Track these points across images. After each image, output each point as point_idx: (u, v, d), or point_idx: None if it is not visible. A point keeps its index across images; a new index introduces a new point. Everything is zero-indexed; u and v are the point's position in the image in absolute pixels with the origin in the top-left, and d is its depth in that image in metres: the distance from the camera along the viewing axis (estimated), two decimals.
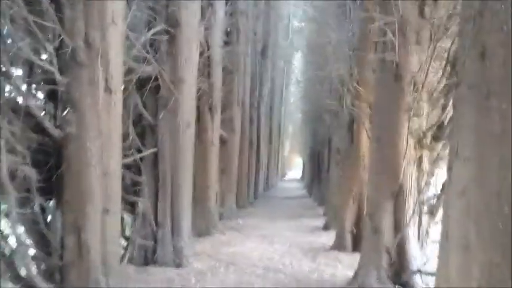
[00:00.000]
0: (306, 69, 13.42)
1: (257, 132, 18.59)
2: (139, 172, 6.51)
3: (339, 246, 7.83)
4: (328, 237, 9.40)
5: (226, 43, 11.39)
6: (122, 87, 4.31)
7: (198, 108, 9.07)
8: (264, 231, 10.46)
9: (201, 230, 8.94)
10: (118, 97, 4.30)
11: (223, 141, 12.35)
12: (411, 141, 4.92)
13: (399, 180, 4.89)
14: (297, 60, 32.36)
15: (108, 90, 4.22)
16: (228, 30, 11.66)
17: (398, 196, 4.89)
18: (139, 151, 6.49)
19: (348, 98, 7.52)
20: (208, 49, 8.75)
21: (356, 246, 7.73)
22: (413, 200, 4.91)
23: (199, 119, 9.07)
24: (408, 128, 4.87)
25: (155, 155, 6.50)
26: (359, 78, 7.31)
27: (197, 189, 9.14)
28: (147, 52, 6.22)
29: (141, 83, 6.45)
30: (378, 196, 5.02)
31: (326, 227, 10.71)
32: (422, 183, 4.99)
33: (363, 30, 6.40)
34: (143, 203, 6.42)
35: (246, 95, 14.70)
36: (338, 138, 10.21)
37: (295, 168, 54.00)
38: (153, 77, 6.38)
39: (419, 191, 4.94)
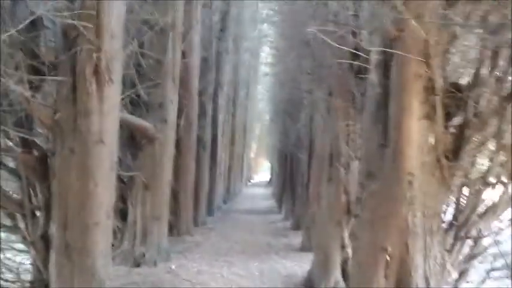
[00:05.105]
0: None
1: (213, 129, 14.20)
2: None
3: None
4: None
5: None
6: None
7: (73, 72, 4.67)
8: None
9: None
10: None
11: (149, 140, 7.91)
12: None
13: None
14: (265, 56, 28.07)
15: None
16: None
17: None
18: None
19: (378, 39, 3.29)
20: None
21: None
22: None
23: (74, 92, 4.62)
24: None
25: None
26: None
27: (69, 233, 4.67)
28: None
29: None
30: None
31: (311, 282, 6.49)
32: None
33: None
34: None
35: (192, 75, 10.30)
36: (332, 138, 5.96)
37: (262, 172, 50.44)
38: None
39: None
